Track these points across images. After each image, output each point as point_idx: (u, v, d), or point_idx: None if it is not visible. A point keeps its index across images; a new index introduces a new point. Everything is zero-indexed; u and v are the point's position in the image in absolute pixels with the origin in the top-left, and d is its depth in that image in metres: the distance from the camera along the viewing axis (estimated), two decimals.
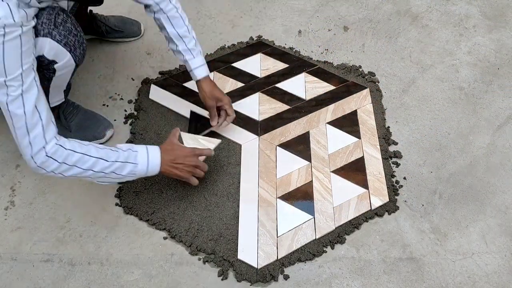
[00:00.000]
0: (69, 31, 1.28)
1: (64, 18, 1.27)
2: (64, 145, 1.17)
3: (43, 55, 1.24)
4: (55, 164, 1.16)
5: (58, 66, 1.29)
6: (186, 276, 1.34)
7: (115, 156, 1.23)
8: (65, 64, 1.31)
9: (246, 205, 1.46)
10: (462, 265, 1.38)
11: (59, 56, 1.28)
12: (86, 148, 1.20)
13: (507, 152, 1.63)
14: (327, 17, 2.03)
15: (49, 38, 1.23)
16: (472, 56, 1.91)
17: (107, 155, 1.22)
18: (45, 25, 1.23)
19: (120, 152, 1.24)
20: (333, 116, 1.69)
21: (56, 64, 1.28)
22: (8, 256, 1.37)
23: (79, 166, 1.19)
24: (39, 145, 1.14)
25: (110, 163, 1.22)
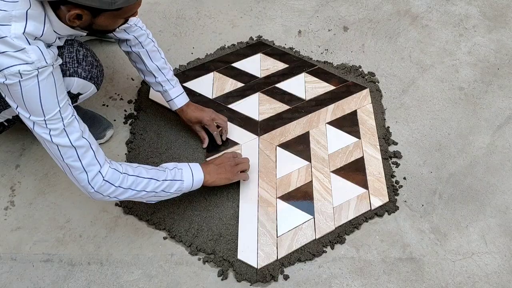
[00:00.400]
0: (92, 65, 1.32)
1: (84, 53, 1.31)
2: (117, 168, 1.19)
3: (70, 91, 1.28)
4: (112, 188, 1.18)
5: (82, 96, 1.35)
6: (186, 276, 1.34)
7: (163, 175, 1.27)
8: (89, 94, 1.36)
9: (246, 205, 1.46)
10: (462, 265, 1.38)
11: (85, 89, 1.33)
12: (138, 171, 1.23)
13: (507, 152, 1.63)
14: (327, 17, 2.03)
15: (76, 77, 1.28)
16: (472, 56, 1.91)
17: (157, 175, 1.25)
18: (69, 64, 1.27)
19: (168, 171, 1.28)
20: (333, 116, 1.69)
21: (81, 95, 1.34)
22: (8, 256, 1.37)
23: (133, 188, 1.21)
24: (95, 170, 1.15)
25: (160, 183, 1.25)
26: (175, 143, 1.60)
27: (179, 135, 1.62)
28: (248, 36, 1.94)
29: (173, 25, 1.96)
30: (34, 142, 1.60)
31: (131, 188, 1.20)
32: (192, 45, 1.90)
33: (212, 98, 1.72)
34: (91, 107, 1.68)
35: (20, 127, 1.62)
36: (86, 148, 1.14)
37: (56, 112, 1.09)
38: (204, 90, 1.75)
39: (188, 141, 1.60)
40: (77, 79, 1.28)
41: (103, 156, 1.18)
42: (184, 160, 1.55)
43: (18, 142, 1.60)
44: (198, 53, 1.87)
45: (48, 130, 1.10)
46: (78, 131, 1.13)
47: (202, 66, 1.82)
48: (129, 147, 1.59)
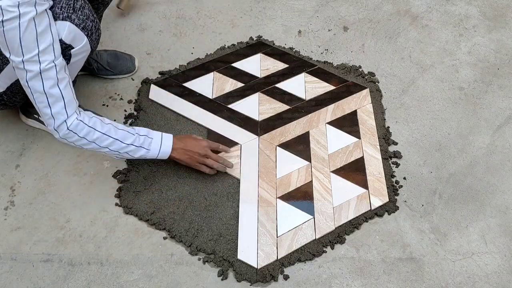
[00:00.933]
0: (87, 16, 1.30)
1: (82, 4, 1.30)
2: (84, 120, 1.26)
3: (61, 39, 1.26)
4: (76, 137, 1.26)
5: (74, 51, 1.31)
6: (186, 276, 1.34)
7: (131, 139, 1.33)
8: (81, 49, 1.32)
9: (246, 205, 1.46)
10: (462, 265, 1.38)
11: (77, 40, 1.29)
12: (107, 128, 1.29)
13: (507, 152, 1.63)
14: (327, 17, 2.03)
15: (68, 22, 1.25)
16: (472, 56, 1.91)
17: (124, 137, 1.32)
18: (64, 9, 1.25)
19: (137, 137, 1.34)
20: (333, 116, 1.69)
21: (73, 49, 1.30)
22: (8, 256, 1.37)
23: (97, 143, 1.29)
24: (61, 119, 1.23)
25: (125, 145, 1.32)
26: None
27: (179, 135, 1.62)
28: (248, 36, 1.94)
29: (173, 25, 1.96)
30: (34, 142, 1.60)
31: (95, 142, 1.28)
32: (192, 45, 1.90)
33: (212, 98, 1.72)
34: (91, 107, 1.68)
35: (20, 127, 1.63)
36: (57, 97, 1.20)
37: (34, 54, 1.13)
38: (204, 90, 1.74)
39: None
40: (69, 24, 1.25)
41: (74, 107, 1.24)
42: None
43: (18, 142, 1.60)
44: (198, 53, 1.87)
45: (25, 72, 1.16)
46: (53, 78, 1.18)
47: (202, 66, 1.82)
48: None
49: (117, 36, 1.90)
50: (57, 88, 1.20)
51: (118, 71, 1.77)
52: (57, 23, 1.24)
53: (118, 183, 1.51)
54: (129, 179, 1.51)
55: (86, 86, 1.75)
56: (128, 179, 1.51)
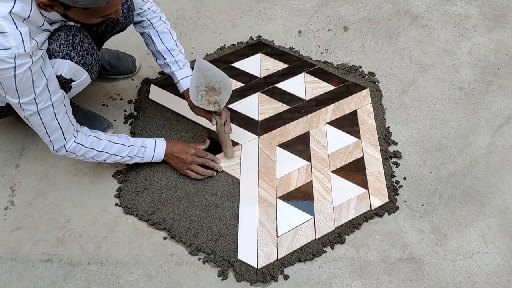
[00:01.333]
0: (87, 51, 1.31)
1: (81, 38, 1.30)
2: (82, 142, 1.33)
3: (61, 75, 1.27)
4: (74, 155, 1.35)
5: (75, 84, 1.33)
6: (186, 276, 1.34)
7: (126, 152, 1.42)
8: (82, 82, 1.34)
9: (246, 205, 1.46)
10: (462, 265, 1.38)
11: (77, 75, 1.31)
12: (103, 145, 1.37)
13: (507, 152, 1.63)
14: (327, 17, 2.03)
15: (68, 60, 1.26)
16: (472, 56, 1.91)
17: (119, 151, 1.41)
18: (63, 46, 1.25)
19: (131, 148, 1.43)
20: (333, 116, 1.69)
21: (74, 82, 1.32)
22: (7, 256, 1.37)
23: (95, 159, 1.38)
24: (59, 145, 1.31)
25: (120, 158, 1.42)
26: None
27: (179, 135, 1.62)
28: (248, 36, 1.94)
29: (173, 25, 1.96)
30: (34, 142, 1.59)
31: (93, 158, 1.38)
32: (192, 45, 1.90)
33: None
34: (91, 107, 1.68)
35: (20, 127, 1.63)
36: (55, 128, 1.26)
37: (31, 98, 1.17)
38: None
39: (188, 141, 1.60)
40: (69, 63, 1.26)
41: (71, 132, 1.31)
42: None
43: (18, 142, 1.60)
44: (198, 53, 1.87)
45: (23, 111, 1.20)
46: (51, 114, 1.23)
47: None
48: None
49: (117, 36, 1.89)
50: (55, 120, 1.25)
51: (119, 71, 1.77)
52: (57, 61, 1.24)
53: (118, 183, 1.51)
54: (129, 179, 1.51)
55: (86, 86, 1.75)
56: (128, 179, 1.51)
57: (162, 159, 1.49)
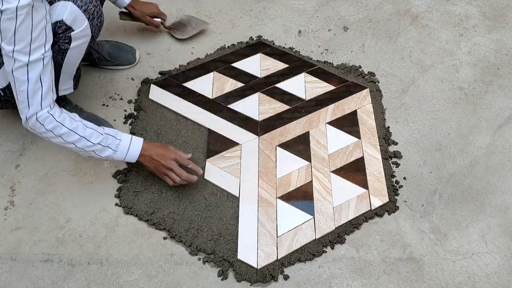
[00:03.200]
0: (90, 1, 1.31)
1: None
2: (54, 115, 1.26)
3: (62, 20, 1.27)
4: (43, 129, 1.26)
5: (75, 34, 1.31)
6: (186, 276, 1.34)
7: (99, 139, 1.32)
8: (82, 33, 1.32)
9: (246, 205, 1.46)
10: (462, 265, 1.38)
11: (77, 22, 1.30)
12: (75, 125, 1.29)
13: (507, 152, 1.63)
14: (327, 17, 2.03)
15: (70, 2, 1.27)
16: (472, 56, 1.91)
17: (91, 136, 1.31)
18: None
19: (104, 136, 1.33)
20: (333, 116, 1.69)
21: (73, 31, 1.30)
22: (7, 256, 1.37)
23: (63, 138, 1.29)
24: (34, 111, 1.24)
25: (91, 144, 1.31)
26: (175, 143, 1.60)
27: (179, 135, 1.62)
28: (248, 36, 1.94)
29: None
30: (34, 142, 1.59)
31: (62, 137, 1.28)
32: (192, 45, 1.90)
33: (212, 98, 1.72)
34: (91, 107, 1.68)
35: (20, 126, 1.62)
36: (37, 88, 1.22)
37: (25, 45, 1.16)
38: (204, 90, 1.74)
39: (188, 141, 1.60)
40: (71, 5, 1.27)
41: (49, 100, 1.26)
42: None
43: (18, 142, 1.60)
44: (198, 53, 1.87)
45: (13, 61, 1.17)
46: (38, 70, 1.20)
47: (202, 66, 1.82)
48: None
49: (117, 36, 1.90)
50: (39, 80, 1.22)
51: (118, 62, 1.78)
52: (59, 4, 1.25)
53: (118, 183, 1.51)
54: (129, 179, 1.51)
55: (86, 86, 1.75)
56: (128, 179, 1.51)
57: (136, 158, 1.39)
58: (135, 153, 1.38)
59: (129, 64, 1.80)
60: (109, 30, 1.91)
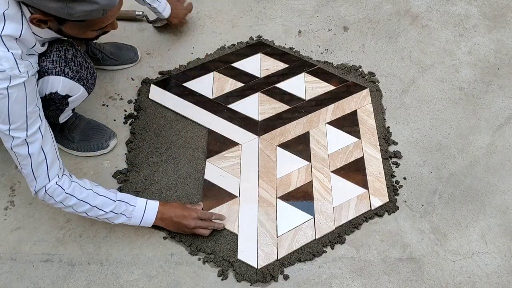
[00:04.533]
0: (81, 66, 1.29)
1: (74, 52, 1.28)
2: (63, 186, 1.22)
3: (57, 92, 1.25)
4: (52, 200, 1.23)
5: (72, 99, 1.31)
6: (186, 276, 1.34)
7: (111, 206, 1.27)
8: (78, 97, 1.32)
9: (246, 205, 1.46)
10: (462, 265, 1.38)
11: (73, 91, 1.29)
12: (85, 194, 1.24)
13: (507, 152, 1.63)
14: (327, 17, 2.03)
15: (62, 77, 1.24)
16: (472, 56, 1.91)
17: (103, 205, 1.26)
18: (56, 63, 1.24)
19: (117, 204, 1.28)
20: (333, 116, 1.69)
21: (70, 97, 1.30)
22: (8, 256, 1.37)
23: (74, 209, 1.25)
24: (42, 184, 1.20)
25: (103, 213, 1.27)
26: (175, 143, 1.60)
27: (179, 135, 1.62)
28: (248, 36, 1.94)
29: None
30: None
31: (73, 208, 1.24)
32: (192, 45, 1.90)
33: (212, 98, 1.72)
34: (91, 107, 1.68)
35: None
36: (41, 160, 1.18)
37: (22, 122, 1.11)
38: (204, 90, 1.74)
39: (188, 141, 1.60)
40: (63, 79, 1.24)
41: (56, 170, 1.21)
42: (184, 160, 1.55)
43: None
44: (198, 53, 1.87)
45: (11, 139, 1.13)
46: (38, 142, 1.16)
47: (202, 66, 1.82)
48: (129, 147, 1.59)
49: (117, 36, 1.90)
50: (41, 152, 1.17)
51: (122, 60, 1.78)
52: (50, 78, 1.22)
53: (118, 183, 1.51)
54: (129, 179, 1.51)
55: None
56: (128, 179, 1.51)
57: (152, 223, 1.34)
58: (150, 219, 1.33)
59: (132, 62, 1.80)
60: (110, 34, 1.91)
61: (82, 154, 1.55)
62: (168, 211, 1.35)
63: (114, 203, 1.27)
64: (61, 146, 1.55)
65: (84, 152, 1.55)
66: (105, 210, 1.26)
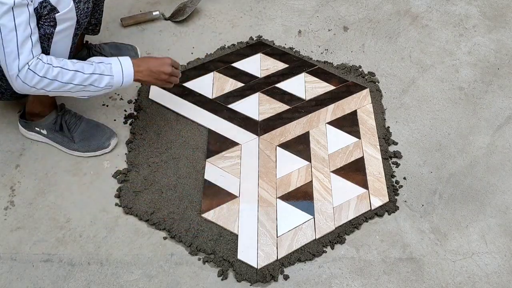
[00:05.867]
0: None
1: None
2: (42, 58, 1.22)
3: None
4: (36, 78, 1.21)
5: (59, 16, 1.26)
6: (186, 276, 1.34)
7: (91, 69, 1.29)
8: (67, 15, 1.27)
9: (246, 205, 1.46)
10: (462, 265, 1.38)
11: (62, 3, 1.25)
12: (63, 62, 1.26)
13: (507, 152, 1.63)
14: (327, 17, 2.03)
15: None
16: (472, 56, 1.91)
17: (83, 68, 1.28)
18: None
19: (95, 65, 1.30)
20: (333, 116, 1.69)
21: (58, 13, 1.25)
22: (7, 256, 1.37)
23: (59, 80, 1.24)
24: (25, 59, 1.19)
25: (87, 76, 1.28)
26: (175, 143, 1.60)
27: (179, 135, 1.62)
28: (248, 36, 1.94)
29: (173, 25, 1.96)
30: (34, 142, 1.59)
31: (57, 79, 1.24)
32: (192, 45, 1.90)
33: (212, 98, 1.72)
34: (91, 107, 1.68)
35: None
36: (27, 34, 1.18)
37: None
38: (204, 90, 1.74)
39: (188, 141, 1.60)
40: None
41: (39, 49, 1.22)
42: (184, 160, 1.55)
43: (18, 142, 1.60)
44: (198, 53, 1.87)
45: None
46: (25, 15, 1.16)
47: (202, 66, 1.82)
48: (129, 147, 1.59)
49: (117, 36, 1.90)
50: (28, 25, 1.17)
51: None
52: None
53: (118, 183, 1.51)
54: (129, 179, 1.51)
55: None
56: (128, 179, 1.51)
57: (133, 75, 1.36)
58: (130, 71, 1.35)
59: None
60: (109, 30, 1.91)
61: (83, 154, 1.55)
62: (142, 61, 1.39)
63: (92, 65, 1.29)
64: (62, 148, 1.55)
65: (85, 152, 1.55)
66: (87, 72, 1.28)
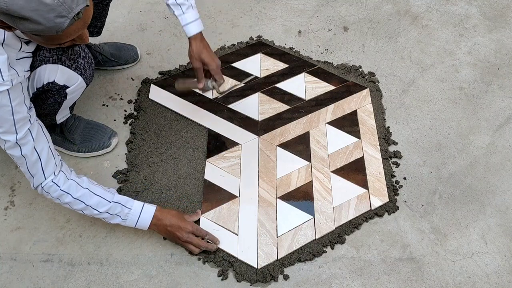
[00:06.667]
0: (78, 55, 1.27)
1: None
2: (59, 183, 1.24)
3: (54, 81, 1.24)
4: (49, 196, 1.26)
5: (70, 90, 1.29)
6: (185, 276, 1.34)
7: (106, 207, 1.27)
8: (76, 87, 1.31)
9: (246, 205, 1.46)
10: (462, 265, 1.38)
11: (71, 81, 1.27)
12: (81, 193, 1.25)
13: (507, 152, 1.63)
14: (327, 17, 2.03)
15: (59, 65, 1.23)
16: (472, 56, 1.91)
17: (98, 205, 1.27)
18: (53, 51, 1.22)
19: (112, 205, 1.28)
20: (333, 116, 1.69)
21: (68, 88, 1.29)
22: (8, 256, 1.37)
23: (70, 206, 1.27)
24: (39, 181, 1.23)
25: (98, 213, 1.28)
26: (175, 143, 1.60)
27: (179, 135, 1.62)
28: (248, 36, 1.94)
29: (173, 25, 1.96)
30: None
31: (69, 205, 1.26)
32: None
33: (212, 98, 1.72)
34: (91, 107, 1.68)
35: None
36: (35, 160, 1.19)
37: (9, 126, 1.11)
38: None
39: (188, 141, 1.60)
40: (61, 67, 1.23)
41: (52, 168, 1.23)
42: (184, 160, 1.55)
43: None
44: None
45: (3, 142, 1.14)
46: (31, 144, 1.17)
47: None
48: (129, 147, 1.59)
49: (117, 36, 1.90)
50: (34, 151, 1.18)
51: (123, 61, 1.78)
52: (47, 67, 1.22)
53: (118, 183, 1.51)
54: (129, 179, 1.51)
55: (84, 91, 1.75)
56: (128, 179, 1.51)
57: (147, 227, 1.33)
58: (145, 222, 1.32)
59: (133, 62, 1.80)
60: (109, 30, 1.91)
61: (85, 155, 1.55)
62: (165, 218, 1.33)
63: (109, 204, 1.27)
64: (63, 149, 1.55)
65: (87, 152, 1.55)
66: (99, 210, 1.27)
